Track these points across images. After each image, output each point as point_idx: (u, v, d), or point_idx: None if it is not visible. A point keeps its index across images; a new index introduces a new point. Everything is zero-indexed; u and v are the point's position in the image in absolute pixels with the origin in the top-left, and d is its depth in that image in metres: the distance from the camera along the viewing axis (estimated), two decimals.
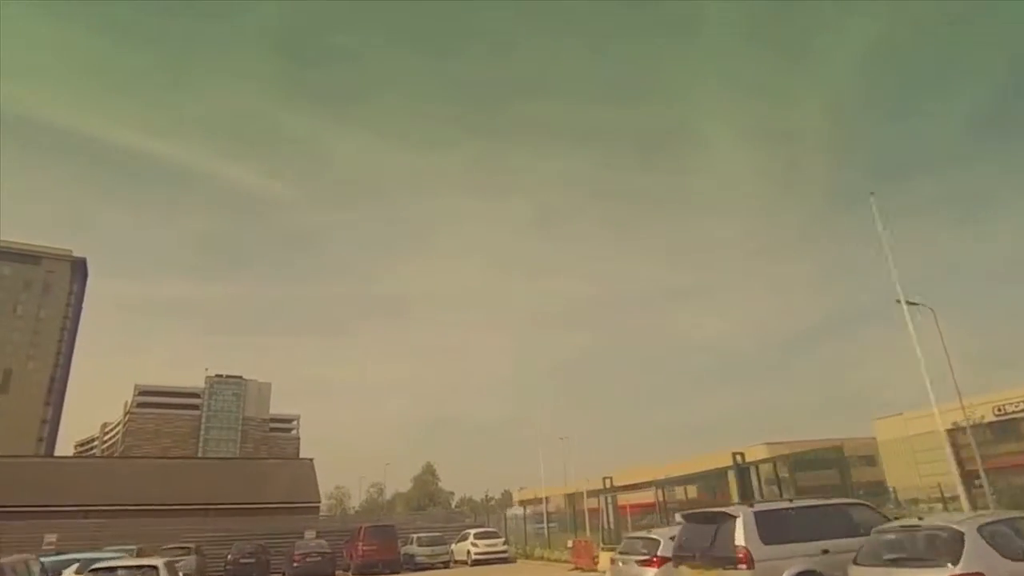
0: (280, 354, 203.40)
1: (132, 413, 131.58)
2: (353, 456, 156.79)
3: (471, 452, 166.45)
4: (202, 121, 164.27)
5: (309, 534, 30.70)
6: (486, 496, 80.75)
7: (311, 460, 42.45)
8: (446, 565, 28.14)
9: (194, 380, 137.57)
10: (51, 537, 29.93)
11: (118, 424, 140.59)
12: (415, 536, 28.94)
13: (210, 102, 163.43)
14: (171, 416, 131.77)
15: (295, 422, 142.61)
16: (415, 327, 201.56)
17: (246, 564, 25.89)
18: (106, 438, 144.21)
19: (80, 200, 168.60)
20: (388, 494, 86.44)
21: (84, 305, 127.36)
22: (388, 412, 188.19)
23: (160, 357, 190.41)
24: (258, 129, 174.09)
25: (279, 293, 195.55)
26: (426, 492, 76.72)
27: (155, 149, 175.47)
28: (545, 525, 30.75)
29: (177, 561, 24.90)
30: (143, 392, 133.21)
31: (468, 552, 27.97)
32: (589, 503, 27.86)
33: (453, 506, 74.08)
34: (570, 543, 23.96)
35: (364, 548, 26.37)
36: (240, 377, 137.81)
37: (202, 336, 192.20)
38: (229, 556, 26.08)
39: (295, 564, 26.03)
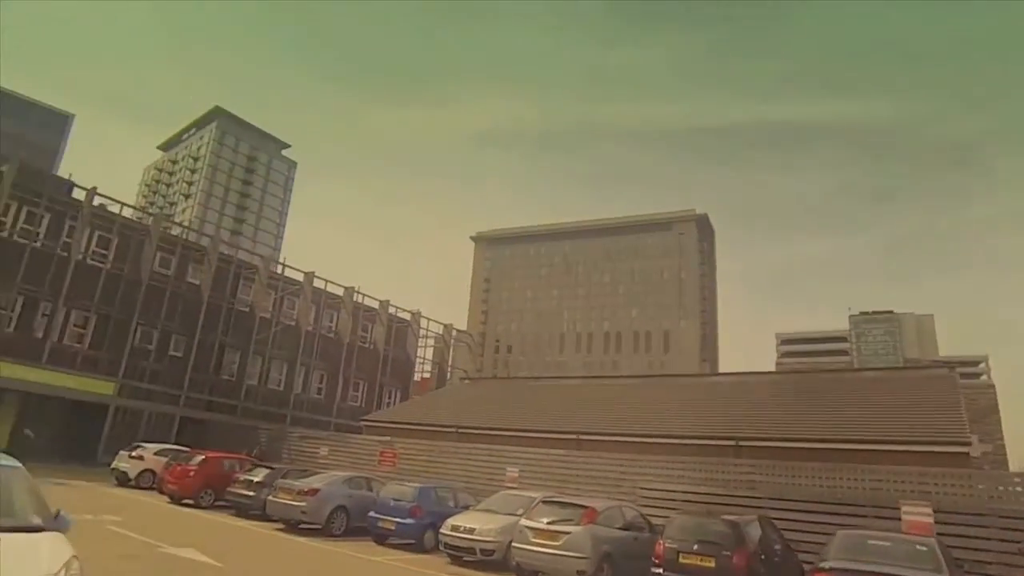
0: (943, 295, 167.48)
1: (780, 363, 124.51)
2: None
3: None
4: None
5: (909, 511, 11.77)
6: None
7: (950, 370, 21.83)
8: None
9: (836, 324, 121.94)
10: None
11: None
12: None
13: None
14: (820, 363, 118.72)
15: (982, 365, 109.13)
16: None
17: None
18: None
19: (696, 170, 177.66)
20: None
21: (716, 261, 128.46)
22: None
23: (794, 306, 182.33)
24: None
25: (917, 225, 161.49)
26: None
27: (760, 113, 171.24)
28: None
29: None
30: (786, 341, 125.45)
31: None
32: None
33: None
34: None
35: None
36: (890, 312, 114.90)
37: (836, 283, 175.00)
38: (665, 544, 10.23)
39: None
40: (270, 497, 16.79)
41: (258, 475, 18.52)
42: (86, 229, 30.94)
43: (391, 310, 44.04)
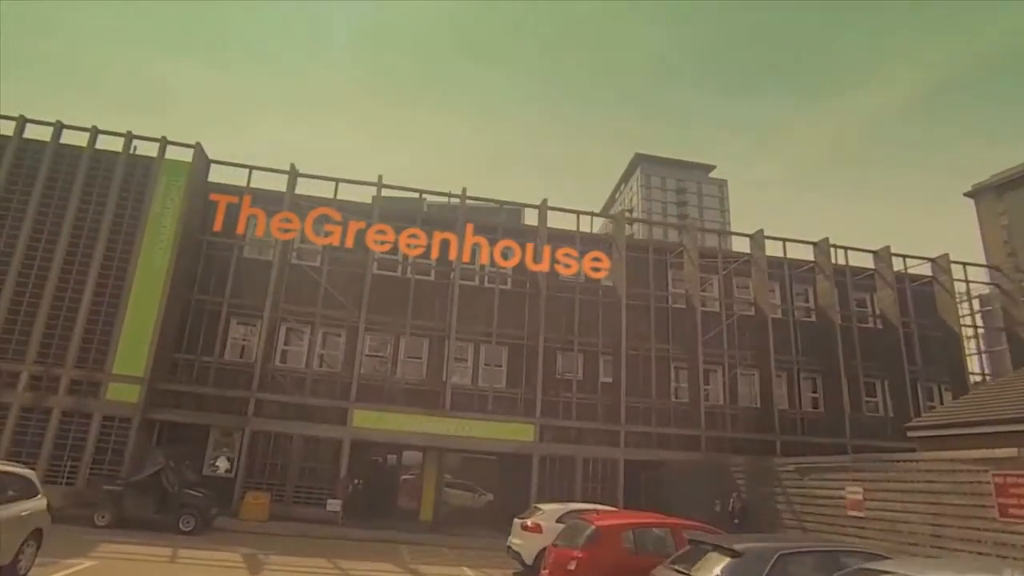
0: None
1: None
2: None
3: None
4: None
5: None
6: None
7: None
8: None
9: None
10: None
11: None
12: None
13: None
14: None
15: None
16: None
17: None
18: None
19: None
20: None
21: None
22: None
23: None
24: None
25: None
26: None
27: None
28: None
29: None
30: None
31: None
32: None
33: None
34: None
35: None
36: None
37: None
38: None
39: None
40: None
41: (707, 568, 7.13)
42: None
43: (896, 265, 28.33)
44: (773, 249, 27.98)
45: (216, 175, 24.65)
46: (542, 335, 24.06)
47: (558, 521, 13.64)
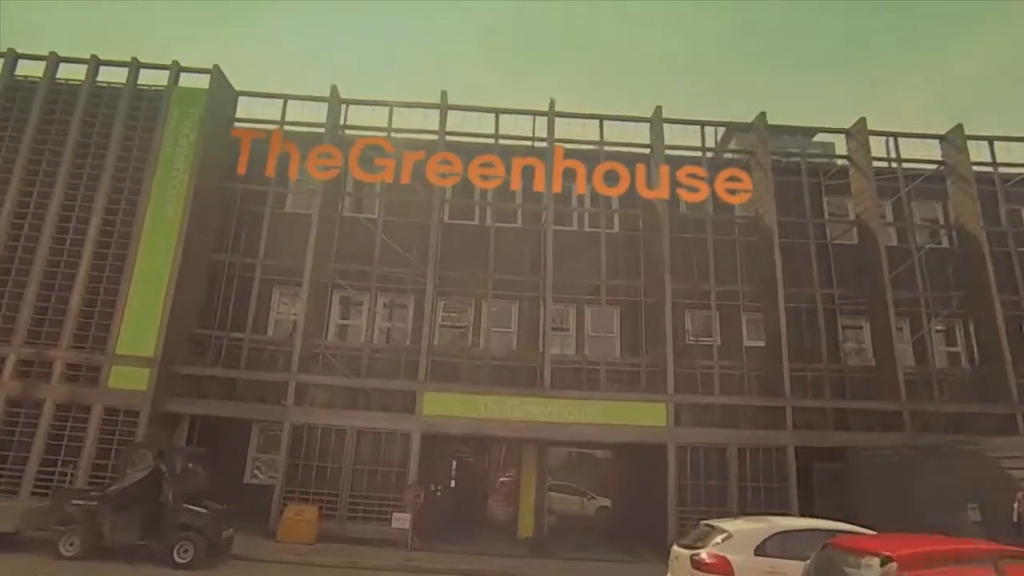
0: None
1: None
2: None
3: None
4: None
5: None
6: None
7: None
8: None
9: None
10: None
11: None
12: None
13: None
14: None
15: None
16: None
17: None
18: None
19: None
20: None
21: None
22: None
23: None
24: None
25: None
26: None
27: None
28: None
29: None
30: None
31: None
32: None
33: None
34: None
35: None
36: None
37: None
38: None
39: None
40: None
41: None
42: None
43: None
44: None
45: (246, 112, 20.04)
46: (669, 287, 17.90)
47: (758, 554, 7.65)
